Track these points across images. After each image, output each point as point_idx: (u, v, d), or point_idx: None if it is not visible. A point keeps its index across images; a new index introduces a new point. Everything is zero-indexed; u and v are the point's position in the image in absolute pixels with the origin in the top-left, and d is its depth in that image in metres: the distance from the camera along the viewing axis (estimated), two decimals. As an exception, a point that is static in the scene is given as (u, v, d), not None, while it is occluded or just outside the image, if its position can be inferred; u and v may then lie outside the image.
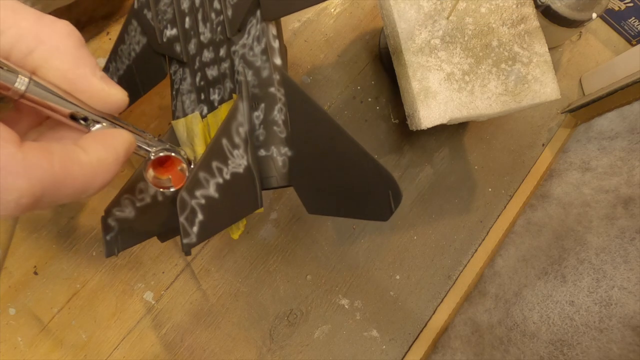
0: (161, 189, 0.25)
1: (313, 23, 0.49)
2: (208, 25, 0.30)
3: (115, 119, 0.22)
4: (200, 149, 0.30)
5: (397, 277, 0.46)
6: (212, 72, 0.31)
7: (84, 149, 0.19)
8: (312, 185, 0.29)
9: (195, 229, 0.25)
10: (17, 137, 0.17)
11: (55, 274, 0.40)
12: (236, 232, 0.31)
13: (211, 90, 0.31)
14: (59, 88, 0.20)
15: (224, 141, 0.27)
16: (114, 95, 0.21)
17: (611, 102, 0.47)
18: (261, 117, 0.29)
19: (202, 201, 0.25)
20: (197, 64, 0.31)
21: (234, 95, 0.29)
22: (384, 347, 0.44)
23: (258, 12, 0.30)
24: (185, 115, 0.31)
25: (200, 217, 0.25)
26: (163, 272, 0.42)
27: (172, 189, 0.26)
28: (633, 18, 0.52)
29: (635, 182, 0.40)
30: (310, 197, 0.30)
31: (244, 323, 0.42)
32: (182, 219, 0.24)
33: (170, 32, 0.31)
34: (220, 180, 0.26)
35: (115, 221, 0.29)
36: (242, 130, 0.28)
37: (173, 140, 0.31)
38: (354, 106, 0.48)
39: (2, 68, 0.18)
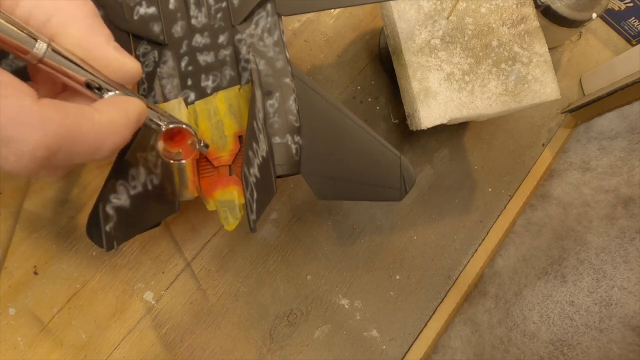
0: (171, 161, 0.26)
1: (313, 23, 0.49)
2: (204, 10, 0.30)
3: (130, 91, 0.23)
4: None
5: (397, 277, 0.46)
6: (205, 58, 0.30)
7: (97, 109, 0.20)
8: (322, 172, 0.30)
9: (254, 206, 0.26)
10: (34, 92, 0.18)
11: (55, 274, 0.40)
12: (233, 223, 0.30)
13: (203, 76, 0.30)
14: (75, 55, 0.20)
15: (255, 124, 0.27)
16: (128, 64, 0.22)
17: (611, 102, 0.47)
18: (276, 105, 0.29)
19: (254, 179, 0.26)
20: (185, 48, 0.30)
21: (250, 84, 0.29)
22: (384, 347, 0.44)
23: (268, 6, 0.30)
24: (166, 100, 0.30)
25: (255, 194, 0.26)
26: (163, 272, 0.42)
27: (182, 162, 0.26)
28: (633, 18, 0.52)
29: (635, 182, 0.40)
30: (320, 183, 0.30)
31: (244, 323, 0.42)
32: (247, 194, 0.25)
33: (146, 10, 0.30)
34: (259, 161, 0.27)
35: (113, 209, 0.28)
36: (261, 117, 0.28)
37: None
38: (354, 106, 0.48)
39: (23, 32, 0.18)
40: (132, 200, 0.28)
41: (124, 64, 0.22)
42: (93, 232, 0.31)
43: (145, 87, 0.30)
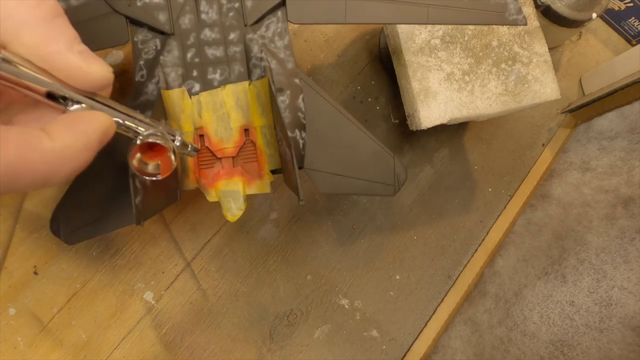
0: (145, 177, 0.23)
1: (313, 23, 0.49)
2: (215, 7, 0.30)
3: (100, 98, 0.21)
4: (187, 127, 0.30)
5: (397, 277, 0.46)
6: (214, 52, 0.30)
7: (50, 134, 0.18)
8: (323, 167, 0.32)
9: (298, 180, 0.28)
10: None
11: (55, 274, 0.40)
12: (237, 213, 0.30)
13: (210, 69, 0.30)
14: (33, 65, 0.18)
15: (276, 113, 0.28)
16: (95, 72, 0.19)
17: (611, 102, 0.47)
18: (287, 102, 0.30)
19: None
20: (192, 40, 0.30)
21: (262, 79, 0.30)
22: (384, 347, 0.44)
23: (279, 13, 0.31)
24: (169, 88, 0.30)
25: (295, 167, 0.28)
26: (163, 272, 0.42)
27: (157, 177, 0.24)
28: (633, 18, 0.52)
29: (635, 182, 0.40)
30: (321, 177, 0.32)
31: (244, 323, 0.42)
32: (295, 161, 0.27)
33: None
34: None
35: (140, 184, 0.27)
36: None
37: (160, 110, 0.30)
38: (354, 106, 0.48)
39: None
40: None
41: (88, 73, 0.19)
42: (59, 226, 0.32)
43: (144, 73, 0.30)
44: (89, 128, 0.19)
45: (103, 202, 0.32)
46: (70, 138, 0.18)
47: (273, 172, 0.31)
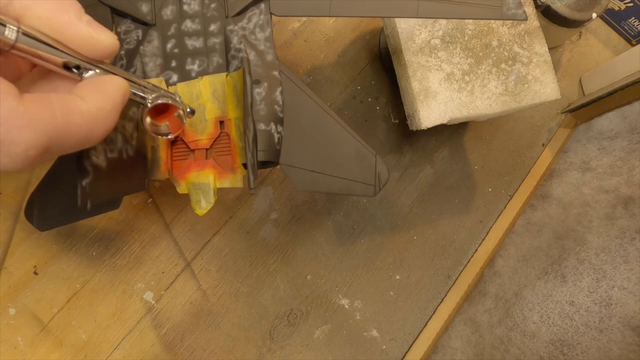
0: (159, 136, 0.25)
1: (313, 23, 0.49)
2: None
3: (108, 66, 0.22)
4: None
5: (397, 277, 0.46)
6: (194, 43, 0.31)
7: (82, 97, 0.19)
8: (301, 164, 0.31)
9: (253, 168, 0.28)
10: (17, 90, 0.17)
11: (55, 274, 0.40)
12: (205, 207, 0.30)
13: (189, 60, 0.30)
14: (48, 36, 0.19)
15: (246, 106, 0.28)
16: (104, 40, 0.20)
17: (611, 102, 0.47)
18: (263, 94, 0.30)
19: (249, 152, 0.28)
20: (173, 30, 0.30)
21: (239, 71, 0.30)
22: (384, 347, 0.44)
23: (262, 5, 0.31)
24: (146, 77, 0.30)
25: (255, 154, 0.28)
26: (163, 272, 0.42)
27: (170, 136, 0.26)
28: (633, 18, 0.52)
29: (635, 182, 0.40)
30: (298, 174, 0.31)
31: (244, 323, 0.42)
32: (249, 154, 0.27)
33: None
34: (248, 139, 0.29)
35: (91, 166, 0.27)
36: (248, 102, 0.29)
37: None
38: (354, 106, 0.48)
39: None
40: (108, 162, 0.28)
41: (99, 41, 0.20)
42: (33, 213, 0.32)
43: (124, 63, 0.30)
44: (113, 90, 0.21)
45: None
46: (101, 100, 0.20)
47: (246, 166, 0.31)
